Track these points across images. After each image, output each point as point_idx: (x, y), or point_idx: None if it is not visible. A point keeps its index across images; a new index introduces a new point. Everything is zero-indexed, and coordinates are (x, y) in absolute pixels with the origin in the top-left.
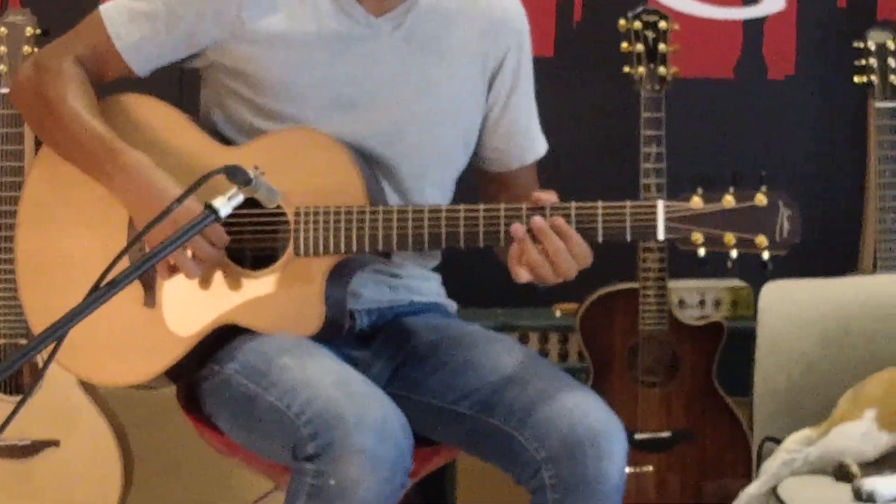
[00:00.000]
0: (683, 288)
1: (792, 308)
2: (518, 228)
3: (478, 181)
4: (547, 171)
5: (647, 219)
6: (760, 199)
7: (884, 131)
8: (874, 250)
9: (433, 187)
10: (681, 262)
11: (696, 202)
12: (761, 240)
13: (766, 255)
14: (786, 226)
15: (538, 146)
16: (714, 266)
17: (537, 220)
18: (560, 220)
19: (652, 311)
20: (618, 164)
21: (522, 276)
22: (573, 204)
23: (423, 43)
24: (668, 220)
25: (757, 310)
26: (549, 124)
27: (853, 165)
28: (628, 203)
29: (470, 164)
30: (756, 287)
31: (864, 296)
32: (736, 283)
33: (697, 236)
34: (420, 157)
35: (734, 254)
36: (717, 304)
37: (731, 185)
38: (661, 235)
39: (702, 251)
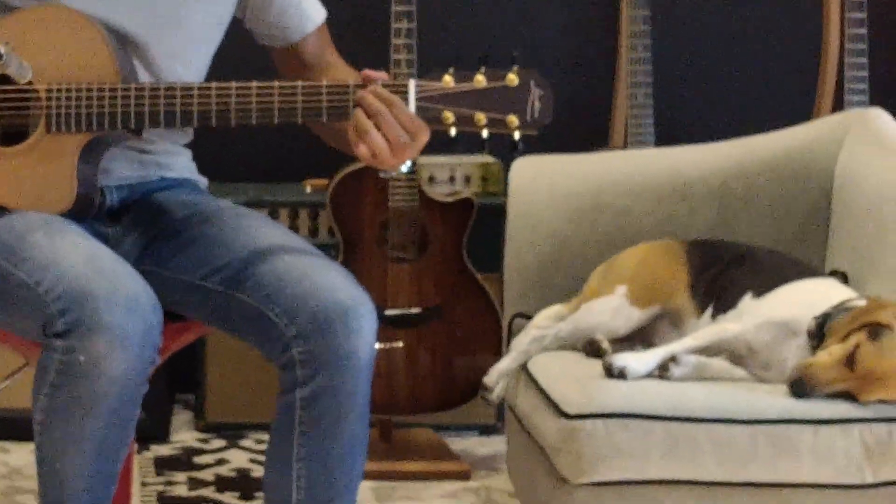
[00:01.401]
0: (434, 164)
1: (542, 184)
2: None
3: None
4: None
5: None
6: (512, 78)
7: (636, 5)
8: (625, 126)
9: (185, 67)
10: (431, 138)
11: (448, 81)
12: (512, 119)
13: (516, 134)
14: (537, 106)
15: (314, 14)
16: (465, 143)
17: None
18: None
19: (402, 187)
20: (368, 39)
21: (363, 151)
22: (324, 82)
23: None
24: (419, 99)
25: (507, 186)
26: None
27: (605, 40)
28: (380, 81)
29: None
30: (506, 163)
31: (616, 171)
32: (486, 158)
33: (448, 115)
34: (171, 37)
35: (485, 133)
36: (468, 179)
37: (482, 65)
38: None
39: (453, 131)
